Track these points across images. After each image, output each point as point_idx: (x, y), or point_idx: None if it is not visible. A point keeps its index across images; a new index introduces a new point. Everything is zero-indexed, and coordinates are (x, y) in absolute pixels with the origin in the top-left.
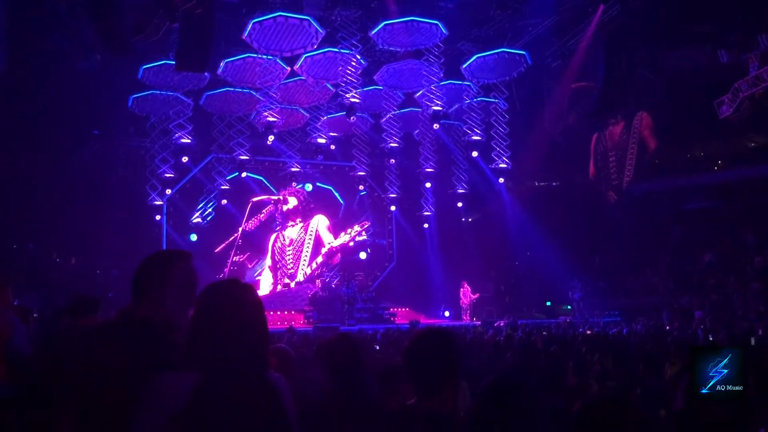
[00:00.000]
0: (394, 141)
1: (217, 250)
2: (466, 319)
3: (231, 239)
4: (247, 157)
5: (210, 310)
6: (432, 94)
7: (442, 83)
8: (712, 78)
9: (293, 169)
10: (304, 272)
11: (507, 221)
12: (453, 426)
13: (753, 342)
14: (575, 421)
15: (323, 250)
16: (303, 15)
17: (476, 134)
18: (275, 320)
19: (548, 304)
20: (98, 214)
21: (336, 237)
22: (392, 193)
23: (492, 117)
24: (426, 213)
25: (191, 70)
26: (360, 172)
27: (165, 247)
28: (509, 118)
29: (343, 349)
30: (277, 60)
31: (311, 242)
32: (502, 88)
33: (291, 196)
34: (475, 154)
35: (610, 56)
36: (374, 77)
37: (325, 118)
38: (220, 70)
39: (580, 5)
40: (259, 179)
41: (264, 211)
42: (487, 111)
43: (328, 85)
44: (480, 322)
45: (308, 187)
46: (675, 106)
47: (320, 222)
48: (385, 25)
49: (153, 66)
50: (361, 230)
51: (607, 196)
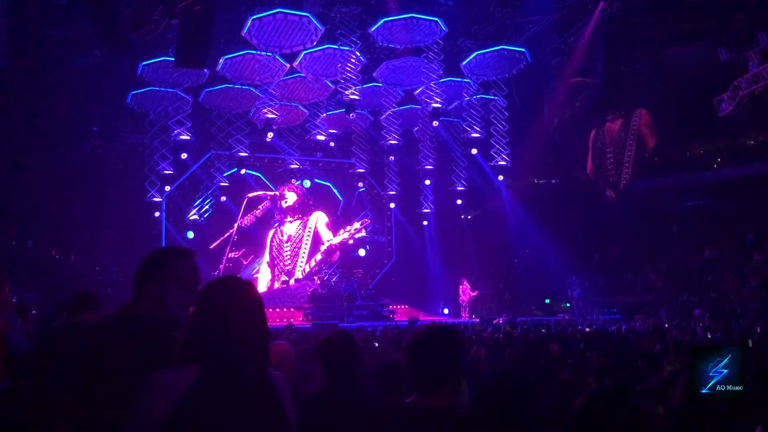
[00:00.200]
0: (394, 138)
1: (212, 247)
2: (465, 317)
3: (226, 235)
4: (247, 154)
5: (211, 306)
6: (431, 91)
7: (441, 80)
8: (712, 75)
9: (292, 166)
10: (302, 269)
11: (506, 218)
12: (453, 423)
13: (752, 340)
14: (578, 415)
15: (322, 248)
16: (302, 12)
17: (476, 131)
18: (274, 317)
19: (547, 301)
20: (97, 211)
21: (335, 234)
22: (391, 191)
23: (491, 114)
24: (425, 210)
25: (190, 67)
26: (359, 169)
27: (164, 243)
28: (509, 116)
29: (342, 345)
30: (277, 57)
31: (309, 239)
32: (502, 85)
33: (290, 191)
34: (474, 151)
35: (609, 53)
36: (374, 74)
37: (325, 115)
38: (219, 67)
39: (579, 2)
40: (257, 176)
41: (260, 207)
42: (486, 108)
43: (328, 82)
44: (478, 320)
45: (306, 183)
46: (674, 104)
47: (319, 219)
48: (385, 22)
49: (152, 62)
50: (360, 227)
51: (606, 194)
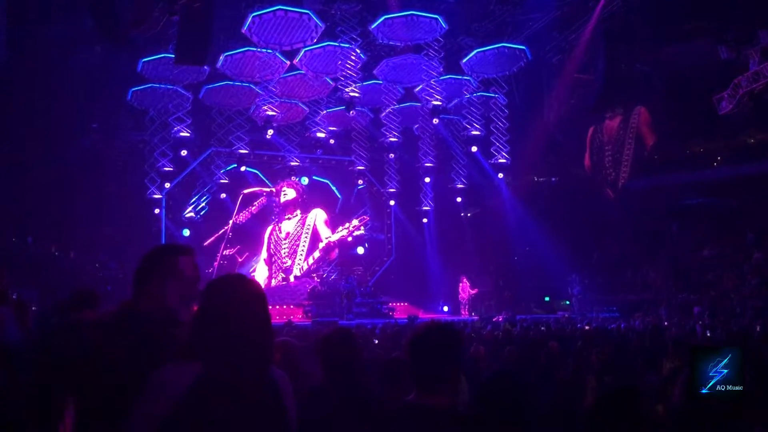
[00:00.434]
0: (394, 135)
1: (206, 244)
2: (465, 314)
3: (221, 232)
4: (247, 151)
5: (214, 303)
6: (432, 88)
7: (441, 78)
8: (712, 73)
9: (293, 164)
10: (300, 267)
11: (506, 216)
12: (452, 422)
13: (752, 339)
14: (588, 413)
15: (321, 245)
16: (303, 9)
17: (476, 129)
18: (274, 314)
19: (547, 299)
20: (97, 208)
21: (333, 232)
22: (391, 188)
23: (491, 112)
24: (425, 208)
25: (190, 64)
26: (359, 166)
27: (164, 240)
28: (509, 113)
29: (342, 343)
30: (277, 54)
31: (308, 236)
32: (502, 83)
33: (289, 187)
34: (474, 149)
35: (610, 51)
36: (374, 72)
37: (325, 112)
38: (219, 64)
39: (580, 0)
40: (255, 173)
41: (256, 203)
42: (486, 106)
43: (328, 80)
44: (477, 318)
45: (304, 180)
46: (674, 102)
47: (318, 216)
48: (385, 19)
49: (152, 59)
50: (359, 225)
51: (604, 193)
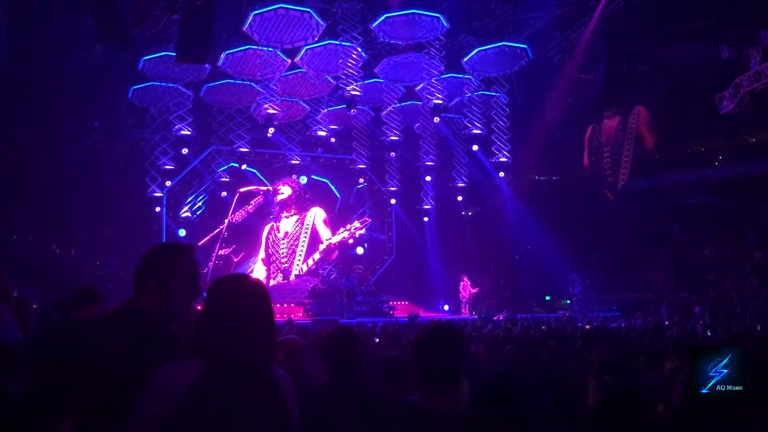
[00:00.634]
0: (395, 134)
1: (201, 243)
2: (465, 313)
3: (216, 231)
4: (247, 150)
5: (219, 302)
6: (433, 87)
7: (442, 76)
8: (714, 73)
9: (293, 162)
10: (299, 268)
11: (507, 215)
12: (456, 425)
13: (752, 339)
14: (594, 413)
15: (321, 247)
16: (304, 7)
17: (477, 128)
18: (274, 313)
19: (547, 298)
20: (98, 206)
21: (334, 233)
22: (392, 187)
23: (492, 111)
24: (426, 206)
25: (192, 62)
26: (360, 165)
27: (164, 238)
28: (510, 112)
29: (345, 342)
30: (278, 52)
31: (307, 236)
32: (503, 81)
33: (285, 185)
34: (475, 147)
35: (611, 50)
36: (375, 70)
37: (326, 110)
38: (220, 62)
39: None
40: (253, 171)
41: (252, 202)
42: (487, 105)
43: (329, 78)
44: (477, 317)
45: (303, 179)
46: (675, 101)
47: (317, 215)
48: (387, 17)
49: (153, 57)
50: (361, 227)
51: (603, 195)
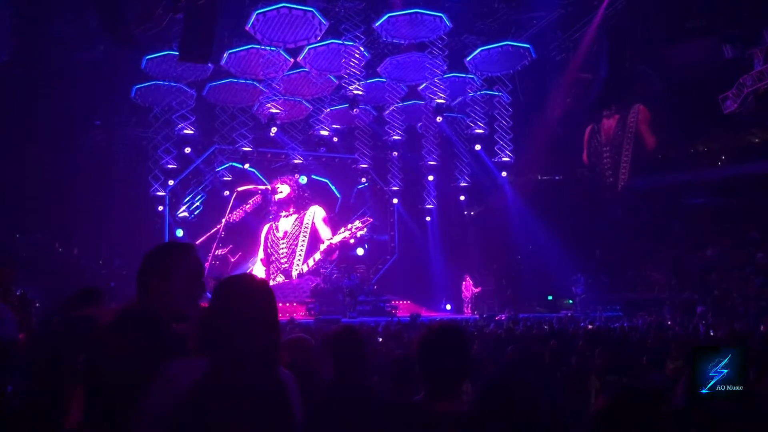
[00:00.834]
0: (397, 133)
1: (197, 243)
2: (468, 313)
3: (213, 231)
4: (250, 149)
5: (225, 302)
6: (435, 86)
7: (445, 76)
8: (717, 73)
9: (296, 161)
10: (299, 269)
11: (509, 215)
12: (460, 426)
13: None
14: (602, 413)
15: (322, 247)
16: (307, 6)
17: (479, 127)
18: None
19: (550, 298)
20: (101, 205)
21: (335, 232)
22: (395, 186)
23: (495, 110)
24: (428, 206)
25: (194, 61)
26: (362, 164)
27: (167, 237)
28: (512, 112)
29: (349, 341)
30: (281, 51)
31: (307, 236)
32: (506, 81)
33: (283, 184)
34: (478, 147)
35: (614, 50)
36: (377, 69)
37: (328, 110)
38: (223, 61)
39: None
40: (252, 171)
41: (250, 201)
42: (490, 104)
43: (332, 77)
44: (478, 316)
45: (303, 179)
46: (679, 101)
47: (316, 213)
48: (389, 17)
49: (156, 56)
50: (362, 226)
51: (602, 196)
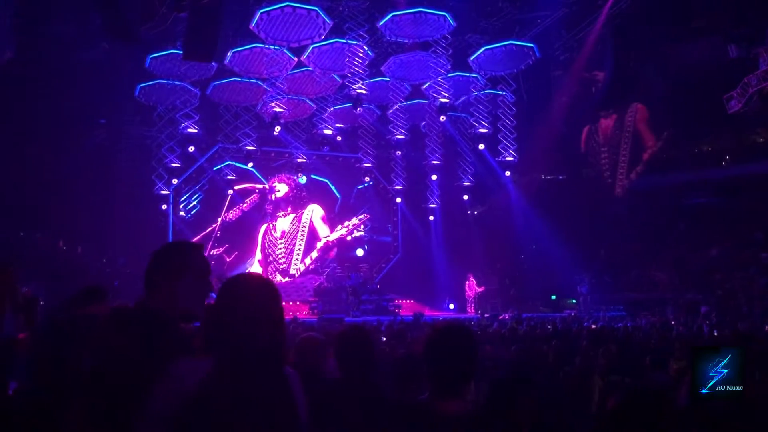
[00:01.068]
0: (401, 133)
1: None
2: (471, 312)
3: (208, 231)
4: (254, 148)
5: (231, 301)
6: (439, 86)
7: (449, 75)
8: (721, 72)
9: (299, 160)
10: (297, 269)
11: (513, 214)
12: (466, 426)
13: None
14: (609, 414)
15: (319, 245)
16: (311, 5)
17: (483, 127)
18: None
19: (553, 297)
20: (105, 203)
21: (332, 230)
22: (398, 185)
23: (499, 109)
24: (432, 205)
25: (198, 60)
26: (366, 163)
27: (171, 235)
28: (516, 111)
29: (356, 340)
30: (285, 50)
31: (305, 235)
32: (510, 80)
33: (280, 182)
34: (481, 146)
35: (618, 49)
36: (381, 68)
37: (332, 109)
38: (227, 60)
39: None
40: (251, 170)
41: (247, 200)
42: (494, 103)
43: (335, 76)
44: (479, 316)
45: (302, 179)
46: (683, 100)
47: (314, 212)
48: (393, 16)
49: (160, 55)
50: (359, 224)
51: (608, 193)
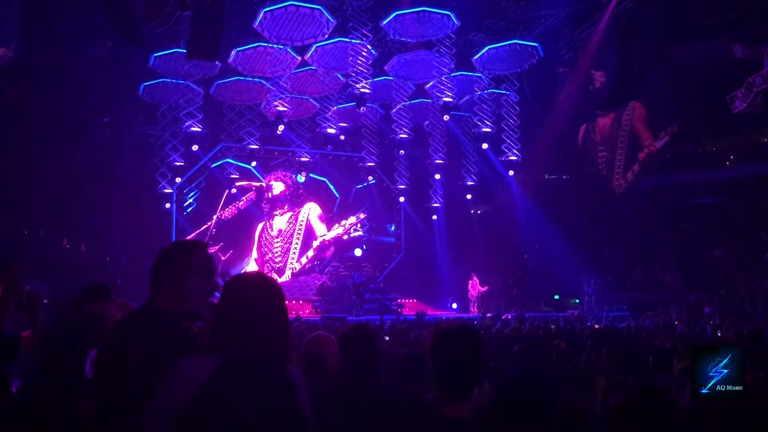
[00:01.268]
0: (404, 132)
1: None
2: (474, 312)
3: (203, 228)
4: (257, 147)
5: (235, 300)
6: (443, 85)
7: (453, 74)
8: (726, 72)
9: (302, 159)
10: (292, 268)
11: (516, 214)
12: (473, 429)
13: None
14: (614, 414)
15: (315, 244)
16: (314, 4)
17: (487, 126)
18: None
19: (556, 297)
20: (108, 202)
21: (330, 229)
22: (401, 184)
23: (503, 109)
24: (435, 204)
25: (202, 59)
26: (369, 162)
27: (174, 234)
28: (520, 111)
29: (360, 339)
30: (288, 49)
31: (301, 234)
32: (514, 80)
33: (276, 181)
34: (485, 146)
35: (622, 48)
36: (385, 68)
37: (335, 108)
38: (230, 59)
39: None
40: (249, 167)
41: (243, 198)
42: (497, 103)
43: (339, 75)
44: (481, 315)
45: (300, 178)
46: (687, 100)
47: (311, 210)
48: (397, 15)
49: (164, 54)
50: (356, 222)
51: (613, 193)
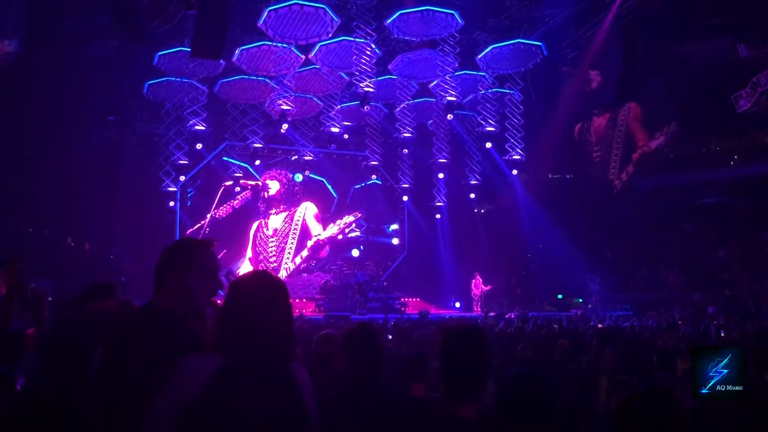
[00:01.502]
0: (408, 131)
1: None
2: (477, 311)
3: (196, 227)
4: (261, 145)
5: (240, 299)
6: (446, 84)
7: (456, 73)
8: (731, 71)
9: (306, 158)
10: (287, 268)
11: (520, 213)
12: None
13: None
14: (615, 413)
15: (309, 243)
16: (318, 3)
17: (490, 125)
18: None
19: (560, 296)
20: (112, 200)
21: (324, 228)
22: (405, 183)
23: (506, 108)
24: (438, 203)
25: (206, 57)
26: (373, 161)
27: (178, 233)
28: (524, 110)
29: (363, 338)
30: (292, 48)
31: (296, 233)
32: (517, 79)
33: (272, 180)
34: (488, 145)
35: (626, 48)
36: (389, 67)
37: (339, 107)
38: (235, 58)
39: None
40: (245, 166)
41: (238, 197)
42: (501, 102)
43: (343, 74)
44: (483, 314)
45: (298, 177)
46: (692, 100)
47: (308, 209)
48: (401, 14)
49: (168, 52)
50: (352, 221)
51: (616, 193)
